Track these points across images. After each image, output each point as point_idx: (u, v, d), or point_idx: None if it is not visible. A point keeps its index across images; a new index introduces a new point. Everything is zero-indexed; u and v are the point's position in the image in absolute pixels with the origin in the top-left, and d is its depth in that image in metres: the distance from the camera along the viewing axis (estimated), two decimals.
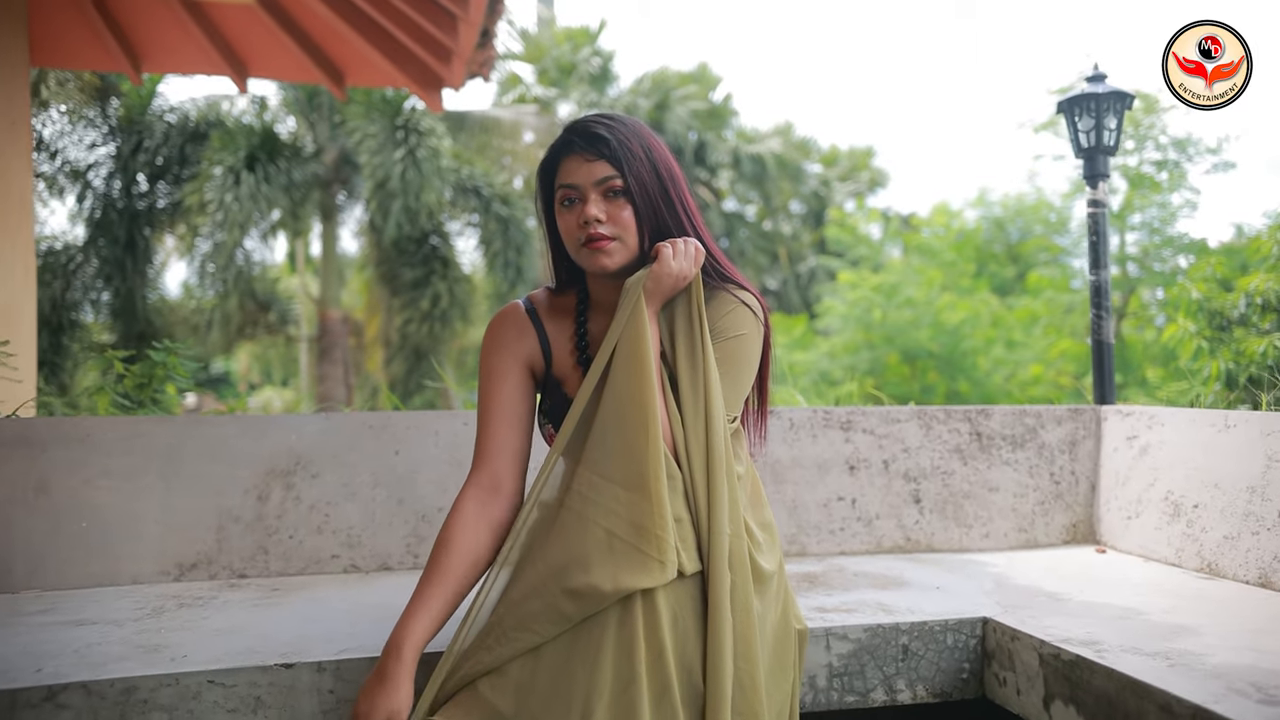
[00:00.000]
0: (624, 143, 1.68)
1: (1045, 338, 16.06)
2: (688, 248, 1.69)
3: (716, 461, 1.62)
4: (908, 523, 2.90)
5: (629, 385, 1.61)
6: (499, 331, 1.81)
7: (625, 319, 1.64)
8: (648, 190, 1.69)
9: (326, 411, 3.08)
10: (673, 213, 1.73)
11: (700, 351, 1.69)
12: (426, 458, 2.69)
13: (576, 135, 1.70)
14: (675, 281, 1.67)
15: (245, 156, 12.57)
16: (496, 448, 1.74)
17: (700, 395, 1.66)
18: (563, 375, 1.77)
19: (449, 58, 6.03)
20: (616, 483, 1.56)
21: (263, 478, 2.57)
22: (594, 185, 1.67)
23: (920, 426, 2.96)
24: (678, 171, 1.77)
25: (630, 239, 1.68)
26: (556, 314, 1.83)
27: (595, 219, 1.66)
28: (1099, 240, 3.19)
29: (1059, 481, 2.98)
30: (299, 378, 20.22)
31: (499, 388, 1.77)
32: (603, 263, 1.69)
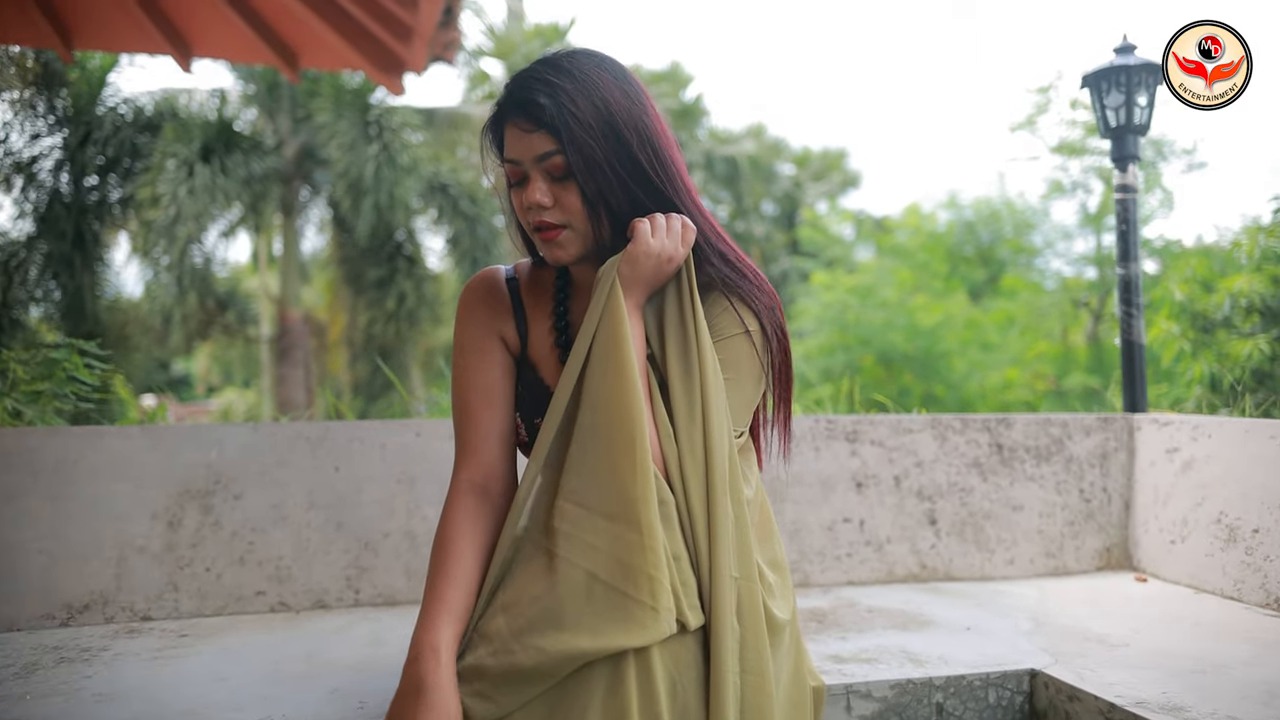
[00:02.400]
0: (566, 106, 1.32)
1: (1021, 340, 15.87)
2: (671, 224, 1.37)
3: (718, 485, 1.30)
4: (923, 547, 2.55)
5: (608, 394, 1.30)
6: (471, 300, 1.52)
7: (599, 314, 1.33)
8: (600, 164, 1.34)
9: (254, 421, 2.69)
10: (647, 184, 1.39)
11: (695, 351, 1.36)
12: (372, 474, 2.31)
13: (509, 99, 1.36)
14: (657, 265, 1.35)
15: (200, 149, 12.06)
16: (481, 436, 1.45)
17: (696, 404, 1.33)
18: (538, 359, 1.49)
19: (409, 37, 5.64)
20: (598, 512, 1.25)
21: (175, 499, 2.19)
22: (534, 162, 1.35)
23: (934, 437, 2.62)
24: (655, 128, 1.41)
25: (582, 226, 1.37)
26: (537, 290, 1.53)
27: (538, 204, 1.35)
28: (1129, 230, 2.87)
29: (1089, 499, 2.65)
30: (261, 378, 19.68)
31: (476, 365, 1.48)
32: (556, 255, 1.39)
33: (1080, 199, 15.52)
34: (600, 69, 1.38)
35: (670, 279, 1.42)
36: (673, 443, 1.32)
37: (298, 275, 14.74)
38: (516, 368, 1.51)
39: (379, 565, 2.28)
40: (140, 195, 11.92)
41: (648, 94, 1.43)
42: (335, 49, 5.93)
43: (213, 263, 14.08)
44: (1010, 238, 18.09)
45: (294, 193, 14.08)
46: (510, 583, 1.29)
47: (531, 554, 1.29)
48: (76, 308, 12.11)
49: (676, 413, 1.33)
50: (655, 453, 1.30)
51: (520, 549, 1.31)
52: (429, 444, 2.36)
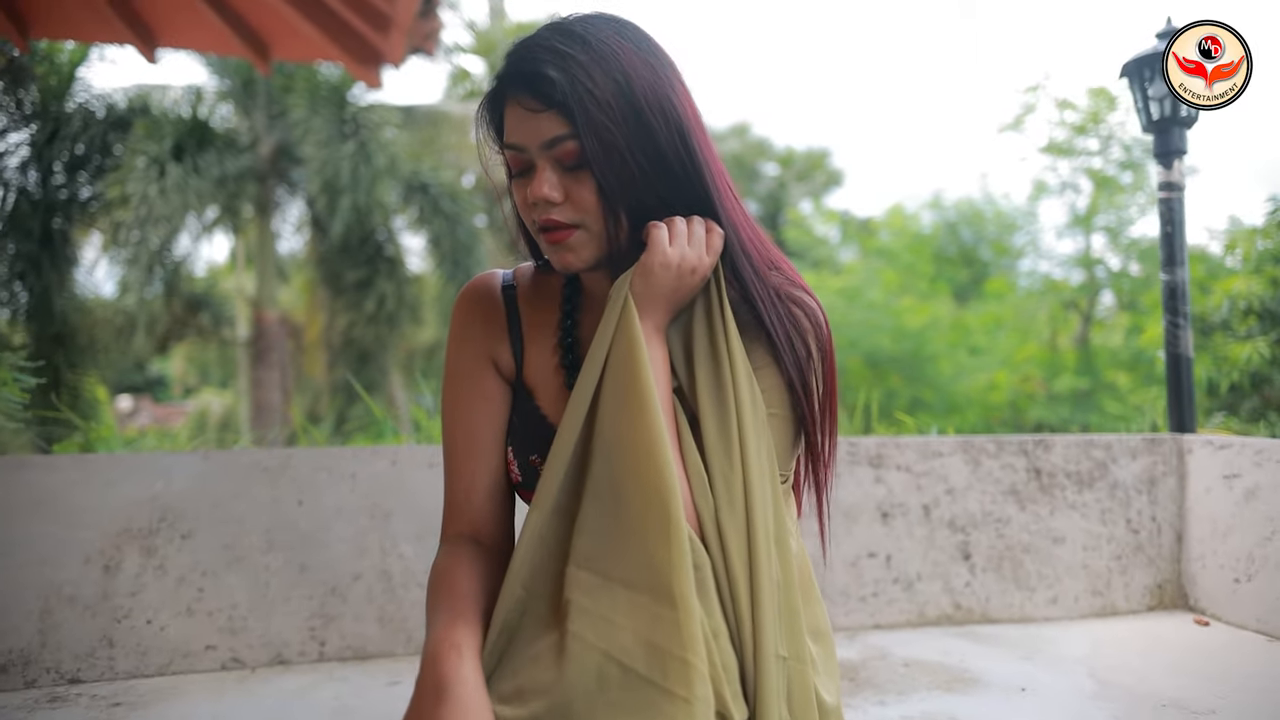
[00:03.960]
0: (580, 81, 1.07)
1: (1009, 342, 15.70)
2: (693, 228, 1.12)
3: (761, 543, 1.07)
4: (956, 585, 2.30)
5: (626, 436, 1.05)
6: (462, 314, 1.28)
7: (609, 339, 1.09)
8: (620, 152, 1.09)
9: (203, 450, 2.40)
10: (673, 177, 1.13)
11: (730, 380, 1.12)
12: (340, 509, 2.04)
13: (513, 72, 1.10)
14: (677, 278, 1.11)
15: (172, 146, 11.67)
16: (464, 491, 1.21)
17: (734, 446, 1.09)
18: (536, 384, 1.23)
19: (387, 27, 5.36)
20: (618, 581, 1.02)
21: (113, 540, 1.91)
22: (542, 149, 1.10)
23: (966, 461, 2.37)
24: (685, 110, 1.16)
25: (597, 226, 1.12)
26: (539, 299, 1.27)
27: (546, 200, 1.10)
28: (1174, 232, 2.62)
29: (1137, 530, 2.40)
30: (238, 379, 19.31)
31: (464, 401, 1.24)
32: (565, 260, 1.13)
33: (1069, 199, 15.35)
34: (621, 36, 1.12)
35: (697, 294, 1.16)
36: (708, 493, 1.07)
37: (274, 276, 14.38)
38: (511, 393, 1.25)
39: (348, 613, 2.00)
40: (109, 194, 11.55)
41: (676, 68, 1.17)
42: (309, 40, 5.63)
43: (187, 263, 13.70)
44: (995, 239, 17.95)
45: (269, 192, 13.72)
46: (510, 665, 1.03)
47: (537, 632, 1.04)
48: (44, 309, 11.70)
49: (710, 456, 1.09)
50: (687, 506, 1.06)
51: (523, 623, 1.05)
52: (406, 473, 2.09)
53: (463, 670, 0.98)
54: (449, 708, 0.95)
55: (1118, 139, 14.86)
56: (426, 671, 0.99)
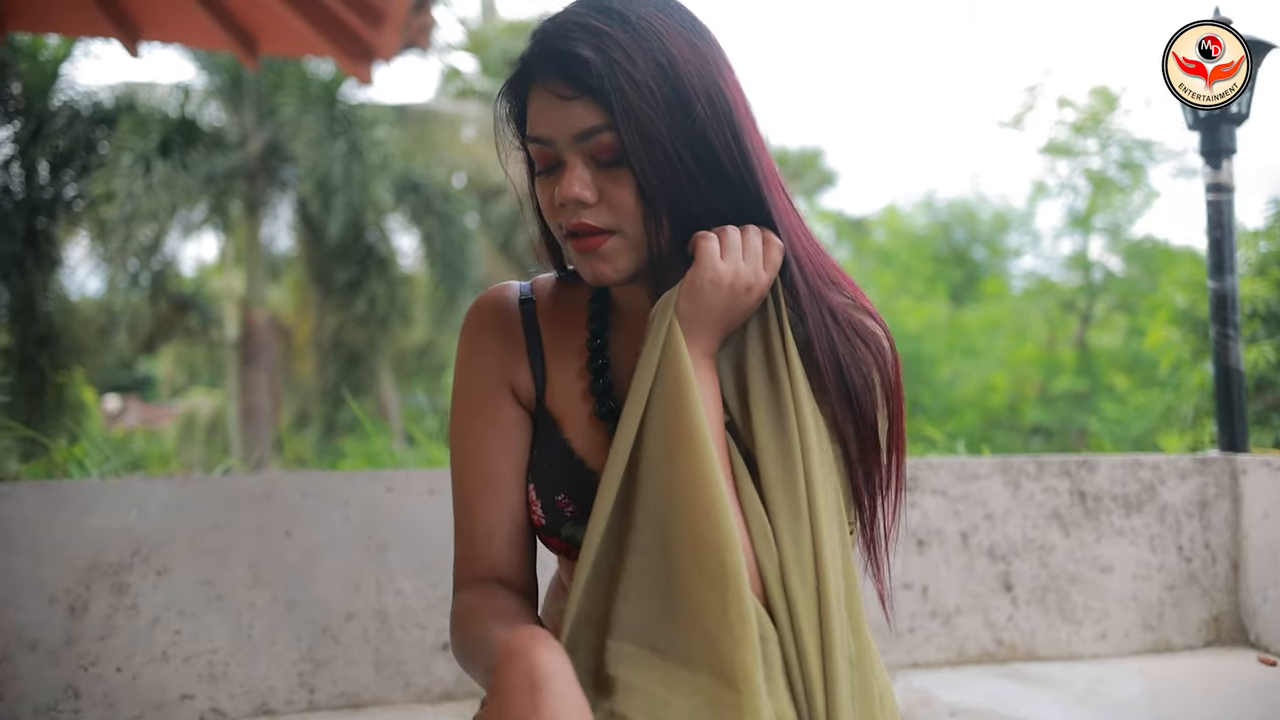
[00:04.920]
0: (619, 63, 0.92)
1: (1006, 343, 15.59)
2: (748, 239, 0.96)
3: (834, 607, 0.91)
4: (998, 619, 2.13)
5: (676, 486, 0.90)
6: (474, 332, 1.11)
7: (653, 370, 0.93)
8: (664, 145, 0.93)
9: (182, 475, 2.23)
10: (720, 176, 0.97)
11: (793, 415, 0.95)
12: (332, 539, 1.87)
13: (540, 51, 0.95)
14: (730, 298, 0.95)
15: (159, 144, 11.45)
16: (483, 536, 1.04)
17: (800, 491, 0.93)
18: (562, 412, 1.07)
19: (379, 21, 5.18)
20: (673, 658, 0.88)
21: (80, 578, 1.73)
22: (573, 142, 0.95)
23: (1006, 484, 2.21)
24: (734, 99, 0.99)
25: (635, 232, 0.96)
26: (562, 315, 1.11)
27: (576, 200, 0.95)
28: (1223, 237, 2.46)
29: (1190, 558, 2.24)
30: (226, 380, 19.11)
31: (477, 433, 1.07)
32: (598, 271, 0.98)
33: (1067, 200, 15.24)
34: (664, 13, 0.96)
35: (751, 315, 0.99)
36: (773, 550, 0.91)
37: (263, 276, 14.16)
38: (532, 423, 1.08)
39: (340, 656, 1.83)
40: (94, 192, 11.34)
41: (724, 51, 1.01)
42: (298, 34, 5.45)
43: (175, 263, 13.49)
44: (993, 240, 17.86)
45: (259, 190, 13.52)
46: None
47: None
48: (27, 309, 11.48)
49: (773, 506, 0.93)
50: (750, 567, 0.90)
51: None
52: (403, 500, 1.91)
53: (554, 662, 0.82)
54: (548, 700, 0.80)
55: (1117, 139, 14.77)
56: (514, 665, 0.82)
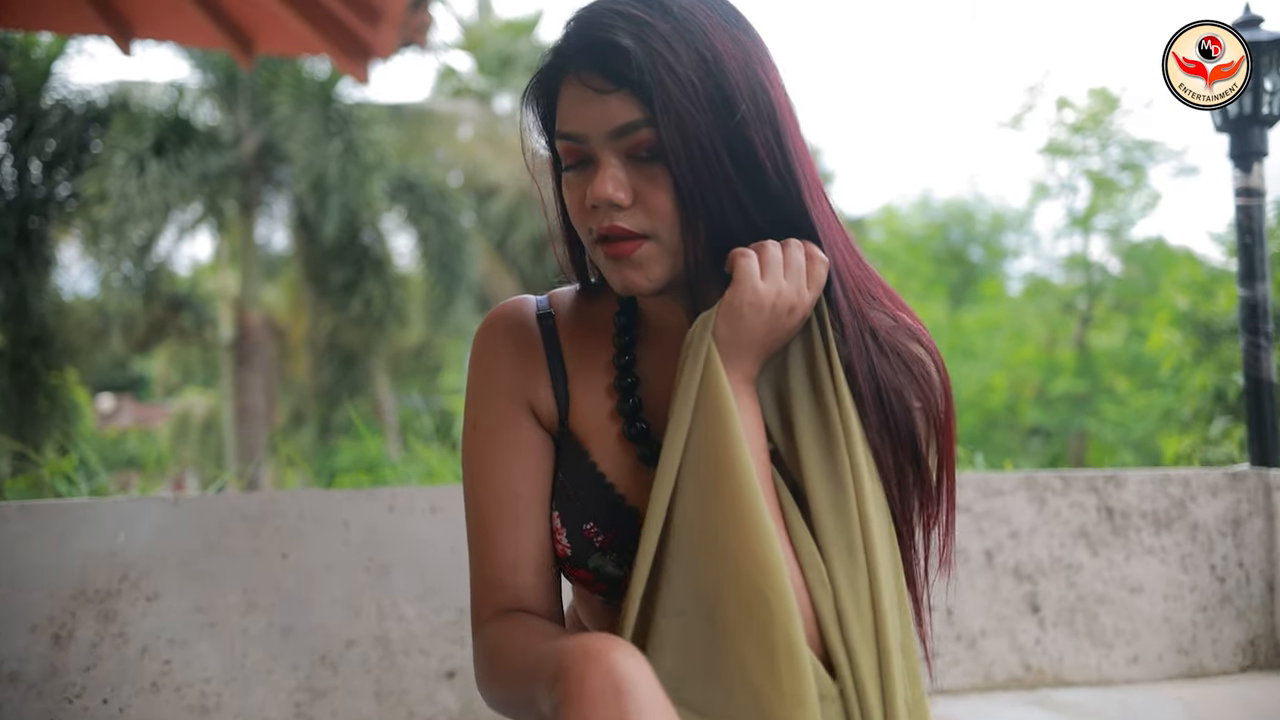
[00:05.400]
0: (661, 55, 0.86)
1: (1005, 345, 15.53)
2: (790, 255, 0.90)
3: (895, 661, 0.85)
4: (1025, 642, 2.05)
5: (720, 528, 0.83)
6: (489, 349, 1.04)
7: (691, 401, 0.86)
8: (705, 146, 0.88)
9: (173, 494, 2.13)
10: (761, 182, 0.91)
11: (843, 444, 0.89)
12: (331, 563, 1.78)
13: (575, 41, 0.90)
14: (771, 320, 0.89)
15: (152, 143, 11.35)
16: (508, 565, 0.98)
17: (854, 528, 0.87)
18: (588, 433, 1.01)
19: (377, 20, 5.10)
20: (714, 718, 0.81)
21: (64, 605, 1.64)
22: (608, 139, 0.89)
23: (1031, 500, 2.12)
24: (778, 99, 0.95)
25: (672, 238, 0.91)
26: (585, 330, 1.05)
27: (610, 202, 0.88)
28: (1254, 243, 2.38)
29: (1223, 578, 2.16)
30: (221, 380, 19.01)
31: (493, 455, 1.00)
32: (629, 280, 0.92)
33: (1067, 201, 15.18)
34: (706, 5, 0.90)
35: (794, 336, 0.91)
36: (829, 594, 0.85)
37: (258, 277, 14.07)
38: (555, 446, 1.01)
39: (340, 686, 1.74)
40: (87, 191, 11.24)
41: (768, 49, 0.94)
42: (294, 32, 5.36)
43: (169, 263, 13.40)
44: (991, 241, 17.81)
45: (254, 190, 13.42)
46: None
47: None
48: (20, 310, 11.39)
49: (825, 543, 0.87)
50: (806, 615, 0.83)
51: None
52: (406, 520, 1.83)
53: (637, 666, 0.77)
54: (635, 708, 0.73)
55: (1117, 140, 14.72)
56: (592, 670, 0.76)
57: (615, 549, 0.96)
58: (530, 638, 0.90)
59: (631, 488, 0.97)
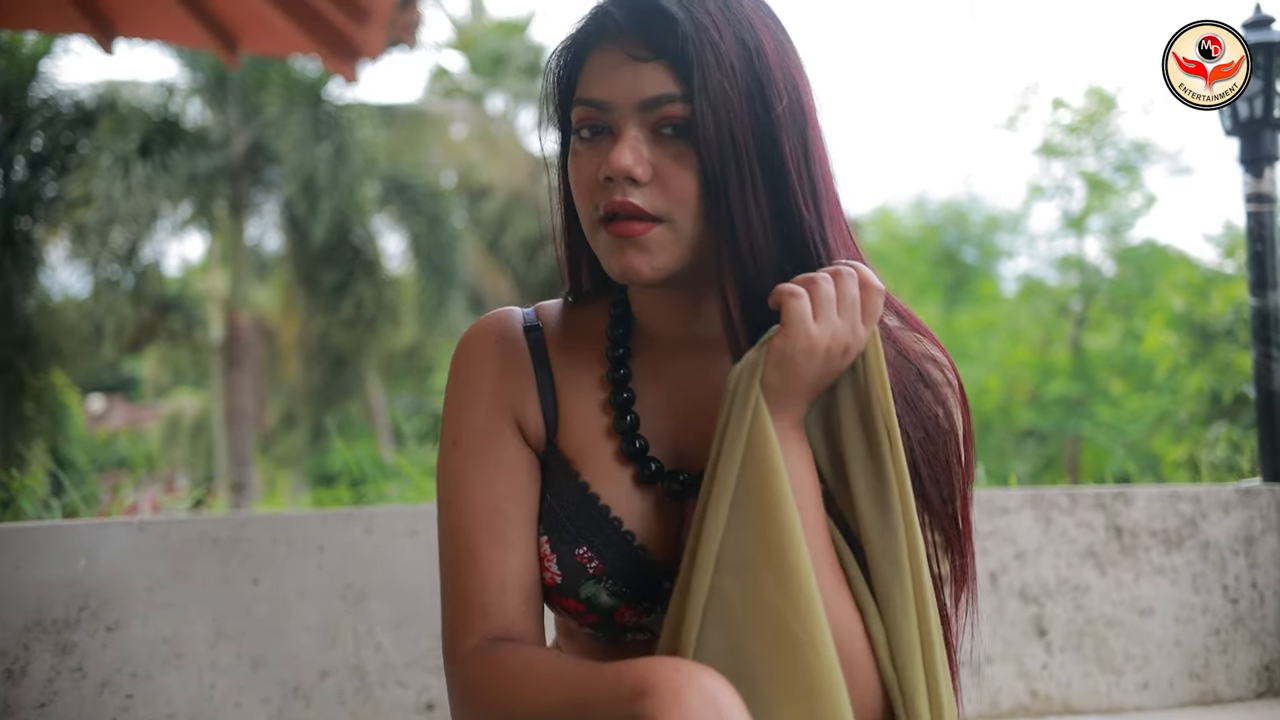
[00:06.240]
0: (707, 30, 0.82)
1: (1000, 346, 15.48)
2: (844, 287, 0.82)
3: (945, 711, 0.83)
4: (1032, 667, 1.97)
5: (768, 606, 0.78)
6: (472, 361, 0.98)
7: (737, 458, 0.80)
8: (737, 136, 0.82)
9: (138, 516, 2.04)
10: (783, 190, 0.84)
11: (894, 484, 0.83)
12: (304, 588, 1.69)
13: (617, 4, 0.86)
14: (825, 364, 0.82)
15: (139, 144, 11.23)
16: (494, 591, 0.90)
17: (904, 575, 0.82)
18: (578, 453, 0.95)
19: (364, 19, 5.02)
20: None
21: (18, 637, 1.55)
22: (637, 109, 0.84)
23: (1037, 518, 2.05)
24: (809, 107, 0.89)
25: (687, 224, 0.85)
26: (575, 342, 0.99)
27: (627, 173, 0.83)
28: (1265, 250, 2.30)
29: (1236, 599, 2.08)
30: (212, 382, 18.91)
31: (476, 471, 0.94)
32: (632, 265, 0.86)
33: (1062, 202, 15.14)
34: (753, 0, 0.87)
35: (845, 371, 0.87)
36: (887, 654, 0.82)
37: (248, 278, 13.96)
38: (542, 465, 0.95)
39: (313, 718, 1.65)
40: (72, 194, 11.13)
41: (800, 55, 0.91)
42: (280, 31, 5.28)
43: (158, 264, 13.28)
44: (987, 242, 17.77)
45: (243, 191, 13.31)
46: None
47: None
48: (5, 312, 11.27)
49: (884, 599, 0.83)
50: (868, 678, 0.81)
51: None
52: (383, 543, 1.74)
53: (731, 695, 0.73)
54: None
55: (1112, 141, 14.68)
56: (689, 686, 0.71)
57: (610, 576, 0.90)
58: (550, 664, 0.84)
59: (628, 511, 0.92)
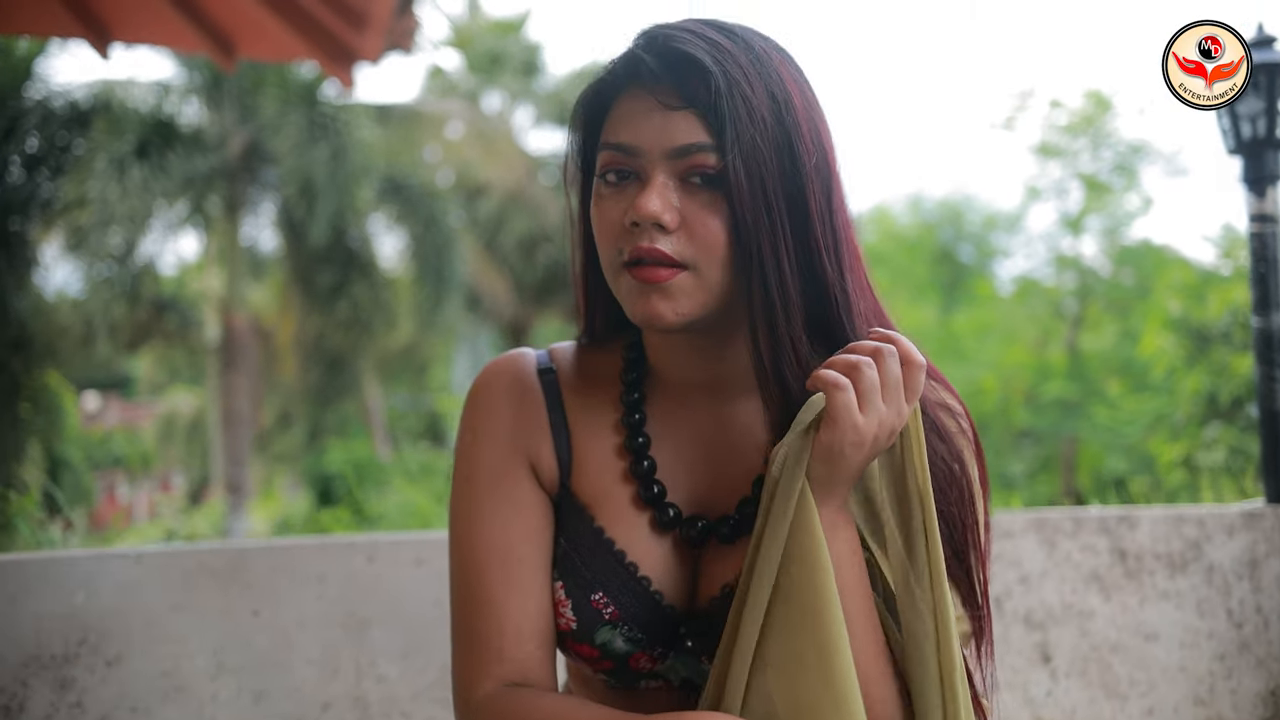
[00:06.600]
0: (738, 83, 0.82)
1: (996, 347, 15.48)
2: (886, 369, 0.81)
3: None
4: (1036, 694, 1.96)
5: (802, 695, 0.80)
6: (487, 403, 0.98)
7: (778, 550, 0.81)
8: (763, 186, 0.83)
9: (136, 547, 2.02)
10: (806, 246, 0.86)
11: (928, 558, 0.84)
12: (305, 619, 1.68)
13: (650, 52, 0.86)
14: (872, 450, 0.82)
15: (135, 145, 11.20)
16: (510, 635, 0.91)
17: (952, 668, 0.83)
18: (593, 497, 0.95)
19: (362, 25, 4.98)
20: None
21: (15, 673, 1.53)
22: (667, 156, 0.85)
23: (1041, 543, 2.04)
24: (833, 161, 0.89)
25: (713, 273, 0.86)
26: (589, 385, 1.00)
27: (654, 219, 0.83)
28: (1269, 271, 2.29)
29: (1240, 624, 2.07)
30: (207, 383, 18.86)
31: (491, 512, 0.94)
32: (655, 310, 0.86)
33: (1060, 203, 15.14)
34: (779, 51, 0.89)
35: None
36: None
37: (244, 279, 13.92)
38: (556, 508, 0.96)
39: None
40: (67, 196, 11.09)
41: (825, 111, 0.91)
42: (277, 37, 5.24)
43: (153, 265, 13.25)
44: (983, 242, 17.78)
45: (239, 191, 13.27)
46: None
47: None
48: (1, 312, 11.22)
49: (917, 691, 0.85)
50: None
51: None
52: (386, 572, 1.73)
53: None
54: None
55: (1109, 142, 14.68)
56: None
57: (626, 622, 0.91)
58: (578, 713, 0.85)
59: (644, 556, 0.92)
